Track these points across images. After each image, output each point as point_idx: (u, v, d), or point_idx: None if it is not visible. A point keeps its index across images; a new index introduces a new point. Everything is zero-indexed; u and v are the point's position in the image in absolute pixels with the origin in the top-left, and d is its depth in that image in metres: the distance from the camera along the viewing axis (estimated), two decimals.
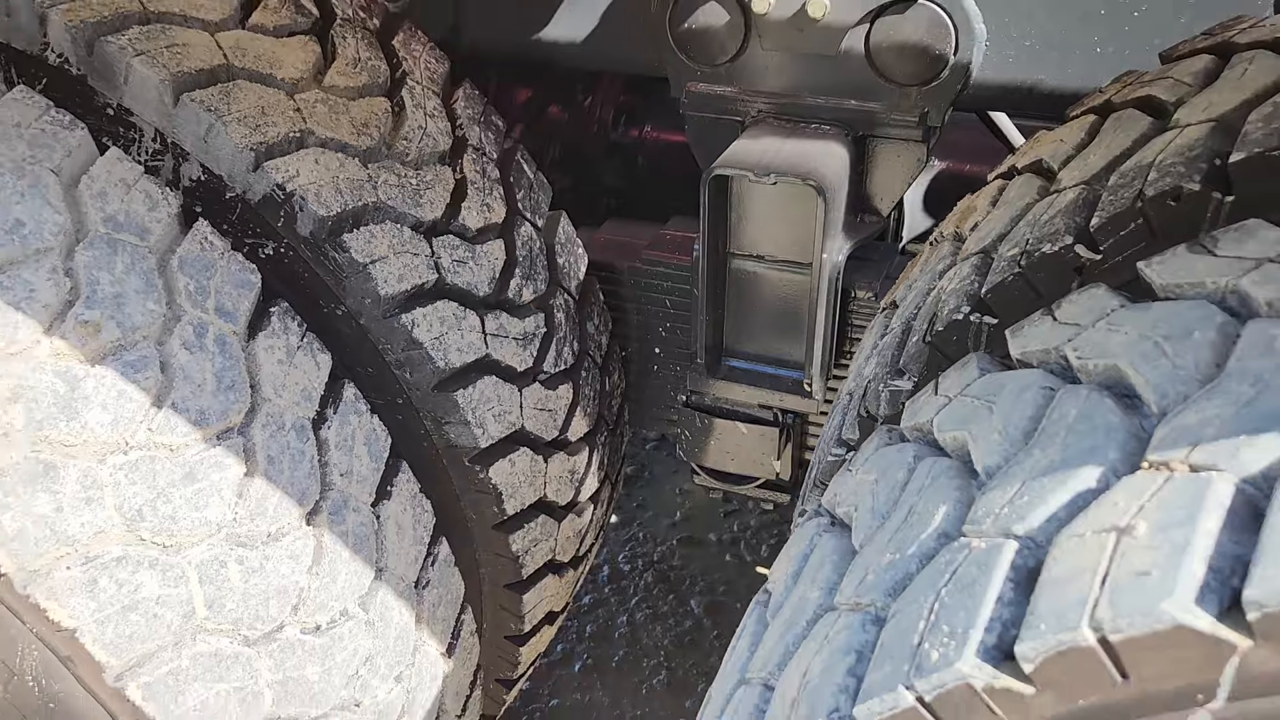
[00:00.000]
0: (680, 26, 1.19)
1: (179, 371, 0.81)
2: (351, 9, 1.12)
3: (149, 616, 0.74)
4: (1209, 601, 0.40)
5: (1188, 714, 0.42)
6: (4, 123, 0.84)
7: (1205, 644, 0.40)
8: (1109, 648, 0.42)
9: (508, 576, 1.13)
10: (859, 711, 0.49)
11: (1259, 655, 0.40)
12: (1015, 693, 0.45)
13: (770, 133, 1.19)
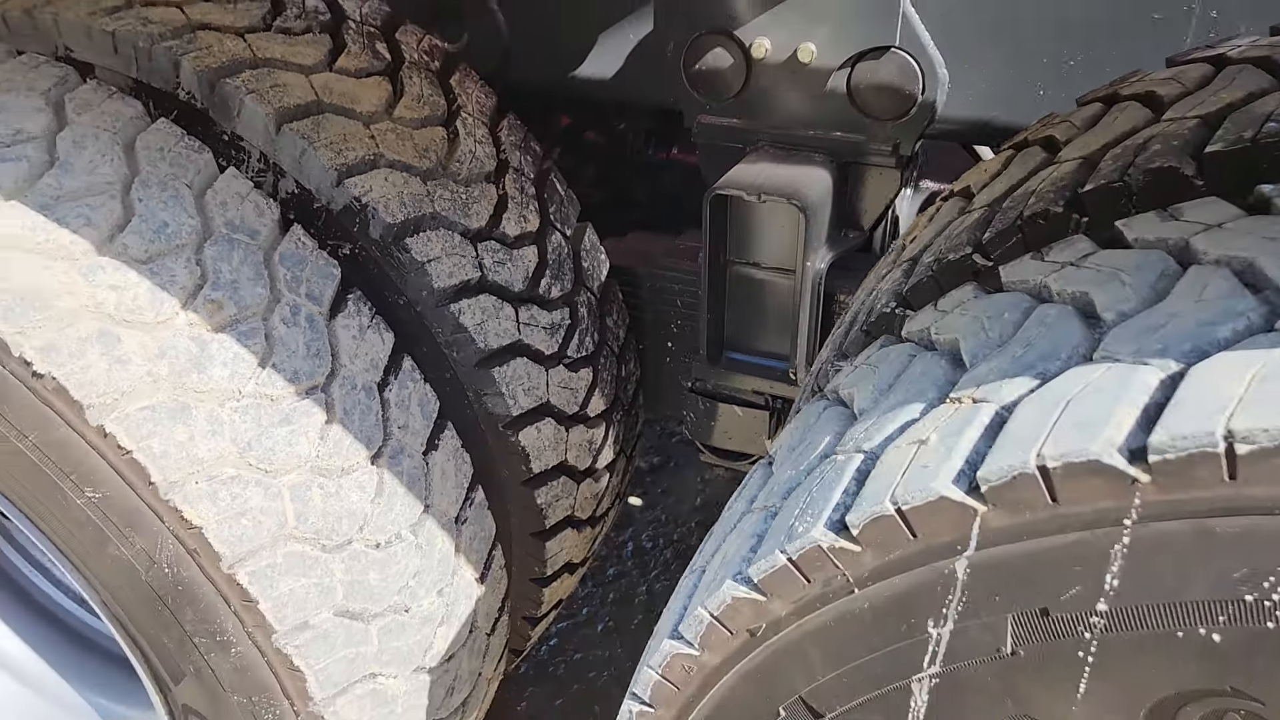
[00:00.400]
0: (692, 67, 1.41)
1: (278, 341, 1.05)
2: (417, 53, 1.37)
3: (254, 522, 0.98)
4: (961, 481, 0.61)
5: (954, 560, 0.63)
6: (150, 147, 1.09)
7: (959, 510, 0.61)
8: (903, 516, 0.63)
9: (533, 525, 1.35)
10: (752, 570, 0.70)
11: (992, 516, 0.60)
12: (848, 550, 0.66)
13: (766, 159, 1.40)
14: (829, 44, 1.31)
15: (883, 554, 0.65)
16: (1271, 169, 0.78)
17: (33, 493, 1.00)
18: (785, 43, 1.32)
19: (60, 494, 0.98)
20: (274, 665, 1.02)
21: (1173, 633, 0.57)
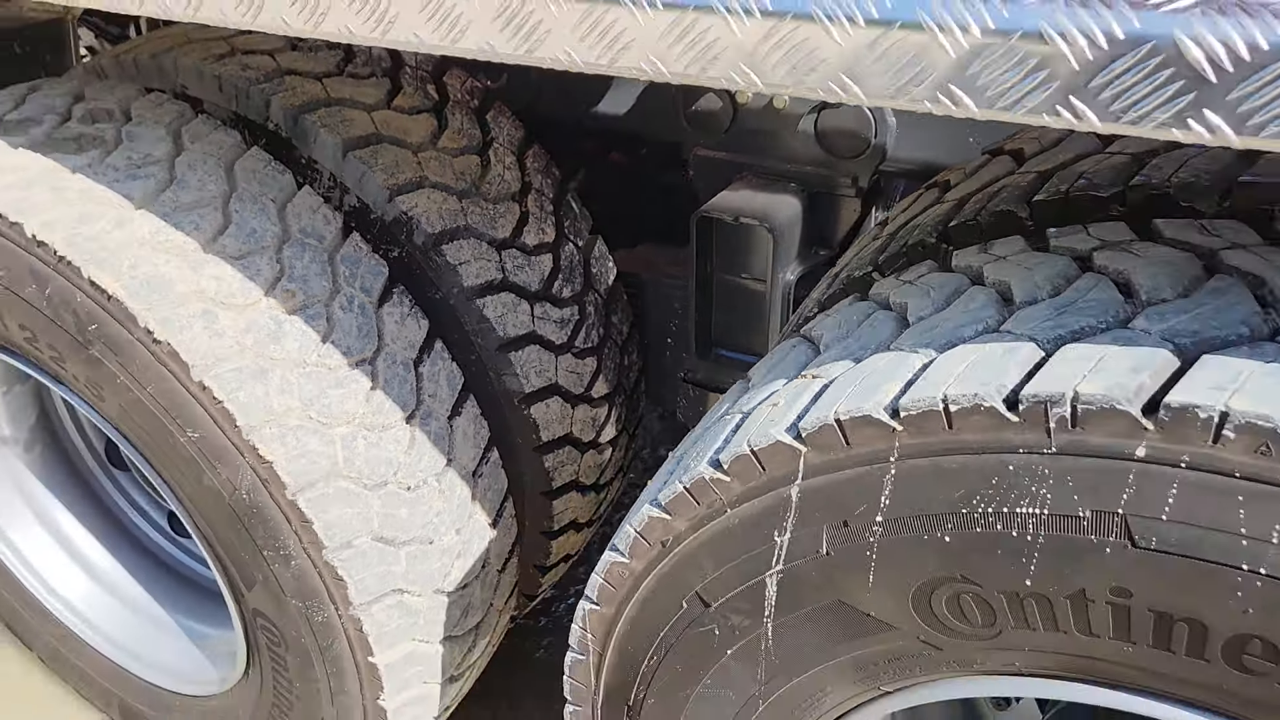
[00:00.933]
0: (689, 108, 1.68)
1: (337, 323, 1.34)
2: (460, 93, 1.66)
3: (312, 461, 1.27)
4: (792, 431, 0.87)
5: (789, 487, 0.89)
6: (245, 169, 1.40)
7: (791, 451, 0.87)
8: (755, 456, 0.90)
9: (541, 486, 1.63)
10: (661, 495, 0.97)
11: (811, 456, 0.87)
12: (721, 480, 0.93)
13: (747, 187, 1.67)
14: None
15: (744, 483, 0.92)
16: (1079, 215, 1.02)
17: (149, 433, 1.31)
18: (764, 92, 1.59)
19: (168, 434, 1.29)
20: (323, 575, 1.31)
21: (922, 536, 0.82)
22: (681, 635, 1.02)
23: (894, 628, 0.88)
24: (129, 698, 1.85)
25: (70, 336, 1.29)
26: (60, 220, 1.25)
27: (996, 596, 0.81)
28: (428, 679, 1.47)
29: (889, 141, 1.57)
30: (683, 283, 1.79)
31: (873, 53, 0.71)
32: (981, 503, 0.79)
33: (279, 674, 1.49)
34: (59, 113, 1.42)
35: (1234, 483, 0.69)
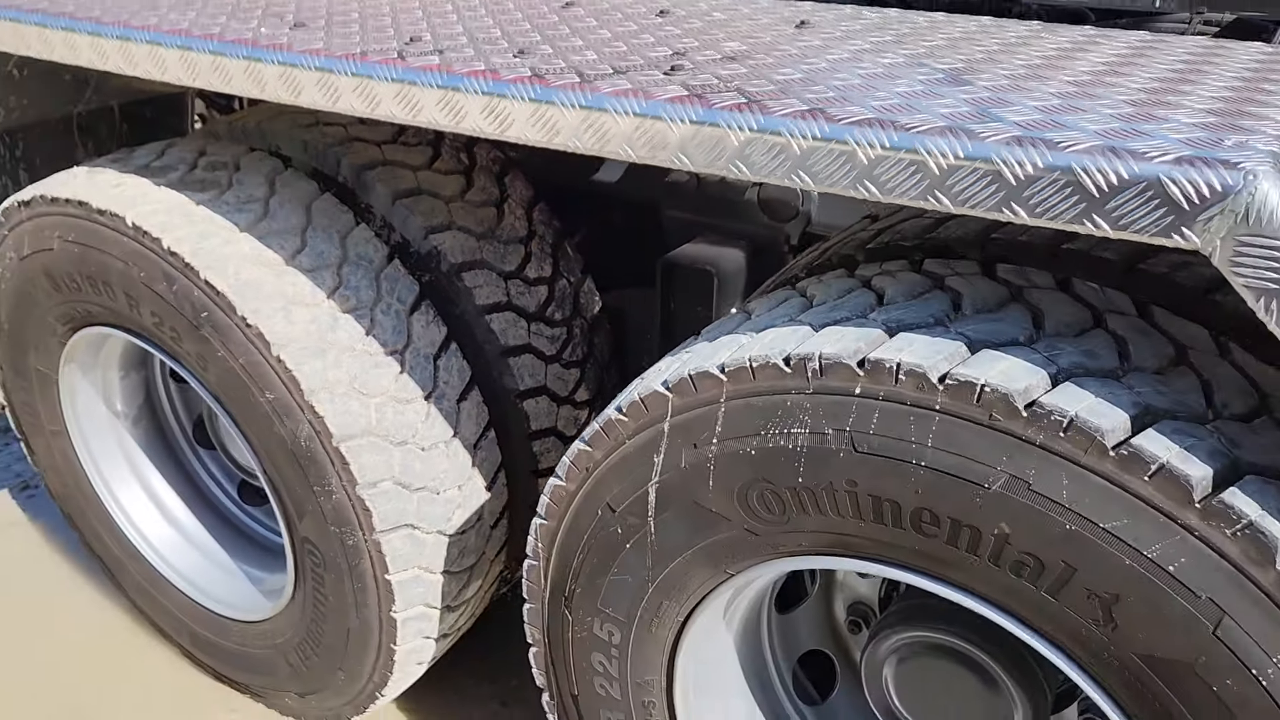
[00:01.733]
0: (664, 179, 2.16)
1: (378, 322, 1.82)
2: (486, 160, 2.16)
3: (353, 419, 1.74)
4: (664, 383, 1.32)
5: (663, 423, 1.33)
6: (319, 209, 1.89)
7: (662, 397, 1.32)
8: (642, 400, 1.34)
9: (530, 466, 2.07)
10: (585, 433, 1.42)
11: (675, 400, 1.31)
12: (622, 419, 1.37)
13: (705, 241, 2.13)
14: None
15: (635, 421, 1.36)
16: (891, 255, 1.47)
17: (237, 394, 1.79)
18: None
19: (250, 394, 1.77)
20: (355, 507, 1.77)
21: (739, 451, 1.26)
22: (597, 536, 1.46)
23: (728, 519, 1.32)
24: (197, 626, 2.31)
25: (188, 321, 1.78)
26: (187, 238, 1.75)
27: (784, 491, 1.25)
28: (430, 601, 1.91)
29: (813, 210, 2.04)
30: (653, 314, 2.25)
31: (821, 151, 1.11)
32: (772, 427, 1.23)
33: (318, 591, 1.94)
34: (188, 163, 1.94)
35: (905, 408, 1.13)
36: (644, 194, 2.21)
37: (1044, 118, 1.04)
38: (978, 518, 1.12)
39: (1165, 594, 1.04)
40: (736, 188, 2.09)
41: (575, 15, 1.69)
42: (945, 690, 1.47)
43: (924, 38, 1.46)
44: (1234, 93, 1.13)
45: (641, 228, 2.27)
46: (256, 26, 1.60)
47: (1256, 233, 0.88)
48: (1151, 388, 1.09)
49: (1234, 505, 0.99)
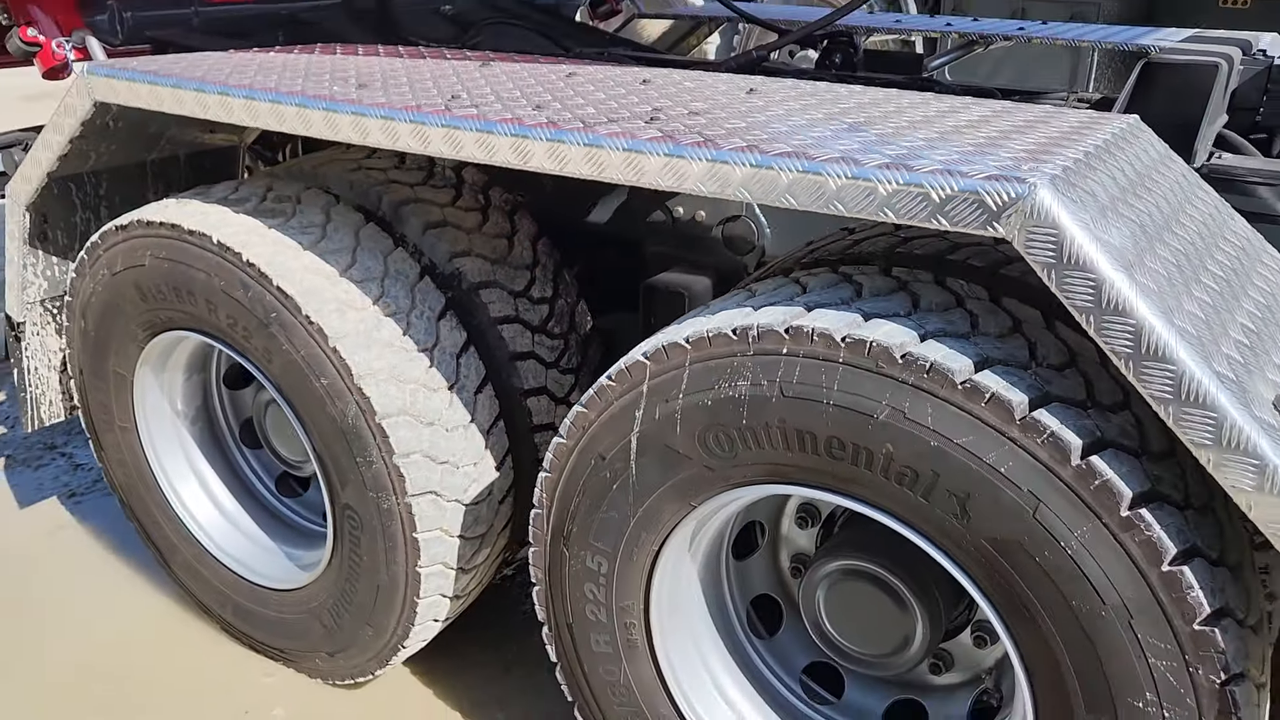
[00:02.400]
0: (646, 219, 2.61)
1: (411, 325, 2.24)
2: (499, 200, 2.60)
3: (392, 400, 2.14)
4: (644, 353, 1.74)
5: (642, 385, 1.74)
6: (365, 235, 2.32)
7: (643, 364, 1.74)
8: (627, 369, 1.76)
9: (531, 455, 2.47)
10: (584, 398, 1.83)
11: (652, 367, 1.73)
12: (613, 384, 1.78)
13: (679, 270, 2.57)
14: (713, 212, 2.49)
15: (621, 385, 1.78)
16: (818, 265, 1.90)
17: (296, 380, 2.19)
18: (690, 210, 2.51)
19: (308, 380, 2.17)
20: (391, 474, 2.16)
21: (699, 402, 1.68)
22: (590, 481, 1.87)
23: (691, 458, 1.73)
24: (238, 597, 2.67)
25: (259, 320, 2.19)
26: (262, 253, 2.18)
27: (732, 431, 1.66)
28: (448, 560, 2.30)
29: (766, 244, 2.48)
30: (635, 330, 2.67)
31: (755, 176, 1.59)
32: (723, 382, 1.65)
33: (354, 553, 2.32)
34: (259, 196, 2.37)
35: (818, 362, 1.55)
36: (628, 232, 2.65)
37: (909, 152, 1.49)
38: (870, 441, 1.53)
39: (999, 489, 1.45)
40: (705, 227, 2.53)
41: (577, 82, 2.15)
42: (863, 612, 1.87)
43: (841, 102, 1.91)
44: (1049, 140, 1.58)
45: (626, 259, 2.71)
46: (330, 86, 2.05)
47: (1038, 225, 1.32)
48: (991, 345, 1.52)
49: (1041, 421, 1.41)
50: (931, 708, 2.05)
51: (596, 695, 2.05)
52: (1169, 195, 1.65)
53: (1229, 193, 1.93)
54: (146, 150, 2.80)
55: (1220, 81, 2.05)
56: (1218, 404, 1.27)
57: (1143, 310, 1.30)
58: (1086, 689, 1.48)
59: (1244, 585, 1.47)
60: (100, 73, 2.27)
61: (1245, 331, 1.46)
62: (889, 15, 4.41)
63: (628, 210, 2.63)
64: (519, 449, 2.44)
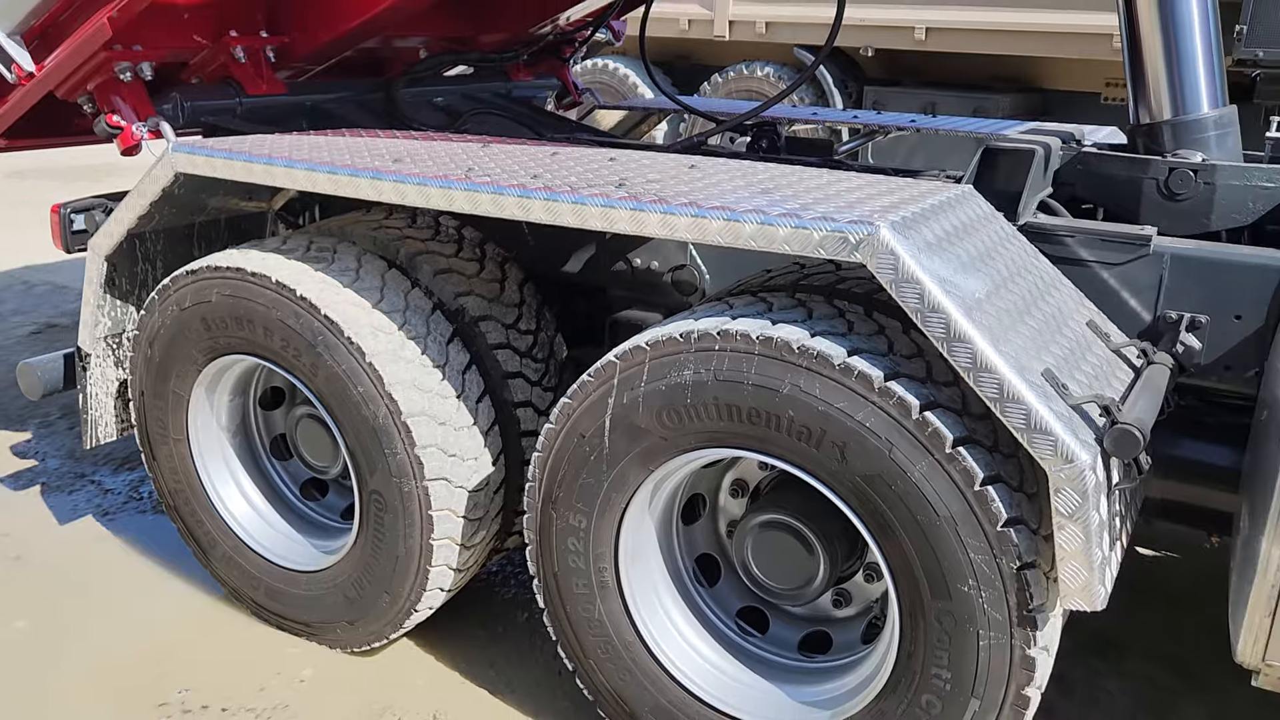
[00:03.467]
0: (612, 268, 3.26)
1: (428, 347, 2.84)
2: (492, 253, 3.23)
3: (414, 403, 2.74)
4: (615, 354, 2.36)
5: (614, 379, 2.36)
6: (391, 277, 2.94)
7: (614, 363, 2.36)
8: (602, 367, 2.38)
9: (519, 456, 3.06)
10: (573, 387, 2.44)
11: (620, 365, 2.35)
12: (590, 380, 2.40)
13: (638, 308, 3.21)
14: (663, 262, 3.14)
15: (598, 380, 2.39)
16: (742, 293, 2.55)
17: (336, 390, 2.78)
18: (645, 261, 3.17)
19: (348, 389, 2.76)
20: (412, 462, 2.74)
21: (656, 389, 2.30)
22: (573, 455, 2.47)
23: (650, 431, 2.34)
24: (269, 579, 3.20)
25: (307, 342, 2.79)
26: (311, 289, 2.78)
27: (680, 409, 2.28)
28: (453, 536, 2.87)
29: (706, 287, 3.14)
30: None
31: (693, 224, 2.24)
32: (673, 371, 2.27)
33: (378, 530, 2.88)
34: (304, 247, 2.98)
35: (741, 354, 2.18)
36: (597, 279, 3.30)
37: (801, 206, 2.15)
38: (778, 409, 2.17)
39: (866, 438, 2.09)
40: (657, 274, 3.19)
41: (560, 158, 2.81)
42: (780, 555, 2.48)
43: (759, 174, 2.59)
44: (900, 200, 2.26)
45: (594, 300, 3.35)
46: (370, 160, 2.69)
47: (881, 253, 1.99)
48: (861, 341, 2.17)
49: (892, 389, 2.06)
50: (835, 635, 2.65)
51: (576, 630, 2.62)
52: (987, 240, 2.34)
53: (1043, 243, 2.63)
54: (194, 214, 3.40)
55: (1038, 162, 2.77)
56: (996, 368, 1.93)
57: (952, 310, 1.96)
58: (930, 579, 2.10)
59: (1037, 506, 2.11)
60: (184, 150, 2.88)
61: (1035, 330, 2.13)
62: (808, 108, 5.18)
63: (595, 262, 3.27)
64: (509, 449, 3.03)
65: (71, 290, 6.87)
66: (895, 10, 8.23)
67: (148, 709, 2.92)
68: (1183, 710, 2.97)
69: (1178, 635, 3.30)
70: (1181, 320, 2.49)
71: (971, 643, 2.09)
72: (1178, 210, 2.74)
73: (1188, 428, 2.67)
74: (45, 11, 3.01)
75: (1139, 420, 1.95)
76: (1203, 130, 2.83)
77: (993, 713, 2.13)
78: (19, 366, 3.52)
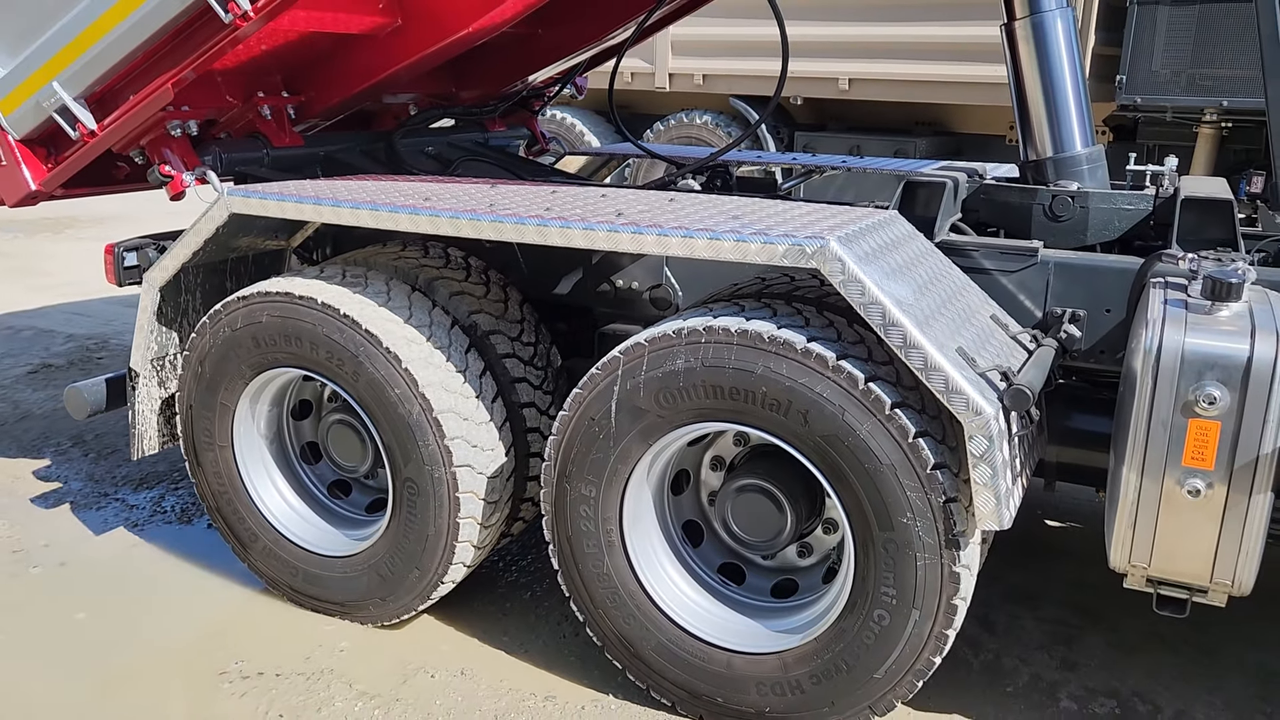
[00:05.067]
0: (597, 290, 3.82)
1: (450, 355, 3.37)
2: (496, 279, 3.77)
3: (443, 401, 3.26)
4: (619, 350, 2.92)
5: (619, 369, 2.92)
6: (414, 298, 3.47)
7: (617, 358, 2.92)
8: (609, 361, 2.93)
9: (524, 450, 3.59)
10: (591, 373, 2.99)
11: (623, 360, 2.91)
12: (598, 373, 2.95)
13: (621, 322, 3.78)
14: (644, 281, 3.72)
15: (605, 372, 2.95)
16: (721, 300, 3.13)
17: (375, 392, 3.28)
18: (627, 282, 3.74)
19: (385, 391, 3.27)
20: (441, 452, 3.25)
21: (654, 375, 2.86)
22: (584, 436, 3.01)
23: (649, 411, 2.90)
24: (306, 566, 3.67)
25: (350, 353, 3.29)
26: (353, 308, 3.30)
27: (675, 390, 2.85)
28: (475, 516, 3.38)
29: (679, 302, 3.72)
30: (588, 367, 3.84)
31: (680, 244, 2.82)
32: (668, 360, 2.84)
33: (410, 513, 3.38)
34: (340, 274, 3.50)
35: (722, 344, 2.76)
36: (586, 299, 3.86)
37: (766, 228, 2.75)
38: (752, 386, 2.74)
39: (823, 405, 2.68)
40: (637, 292, 3.77)
41: (560, 196, 3.38)
42: (755, 513, 3.05)
43: (727, 205, 3.19)
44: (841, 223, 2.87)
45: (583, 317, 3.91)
46: (404, 199, 3.23)
47: (831, 261, 2.59)
48: (816, 331, 2.76)
49: (844, 366, 2.65)
50: (801, 581, 3.22)
51: (588, 585, 3.15)
52: (911, 253, 2.96)
53: (955, 256, 3.27)
54: (229, 252, 3.90)
55: (950, 193, 3.42)
56: (922, 346, 2.53)
57: (888, 304, 2.56)
58: (877, 515, 2.68)
59: (957, 456, 2.71)
60: (239, 194, 3.39)
61: (951, 321, 2.74)
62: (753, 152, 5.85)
63: (582, 284, 3.84)
64: (517, 443, 3.56)
65: (58, 334, 7.23)
66: (821, 63, 9.01)
67: (210, 677, 3.36)
68: (1086, 640, 3.59)
69: (1081, 586, 3.93)
70: (1065, 314, 3.13)
71: (911, 564, 2.67)
72: (1060, 229, 3.41)
73: (1077, 404, 3.31)
74: (109, 78, 3.50)
75: (1029, 382, 2.57)
76: (1077, 165, 3.52)
77: (929, 620, 2.71)
78: (67, 390, 3.95)
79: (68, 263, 9.45)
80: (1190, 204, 3.20)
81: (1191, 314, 2.55)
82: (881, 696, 2.83)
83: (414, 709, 3.20)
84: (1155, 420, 2.50)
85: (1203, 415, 2.44)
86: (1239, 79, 7.06)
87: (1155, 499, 2.53)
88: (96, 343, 7.05)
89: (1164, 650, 3.52)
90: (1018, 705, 3.22)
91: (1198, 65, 7.20)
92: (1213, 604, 2.64)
